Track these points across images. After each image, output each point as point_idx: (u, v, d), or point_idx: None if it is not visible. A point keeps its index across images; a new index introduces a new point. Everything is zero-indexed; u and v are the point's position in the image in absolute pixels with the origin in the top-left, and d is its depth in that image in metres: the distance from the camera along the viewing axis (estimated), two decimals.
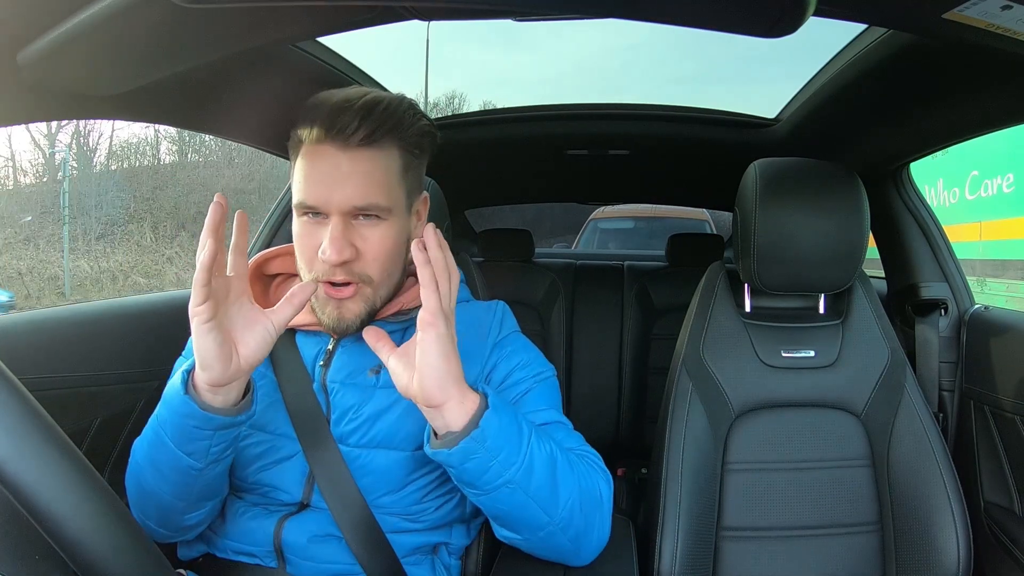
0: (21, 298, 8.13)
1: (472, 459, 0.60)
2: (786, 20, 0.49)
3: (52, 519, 0.37)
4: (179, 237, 10.35)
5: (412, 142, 0.70)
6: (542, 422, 0.72)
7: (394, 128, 0.67)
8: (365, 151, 0.66)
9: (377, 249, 0.68)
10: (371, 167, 0.66)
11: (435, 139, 0.75)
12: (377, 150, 0.67)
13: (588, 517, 0.67)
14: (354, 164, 0.66)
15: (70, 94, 0.77)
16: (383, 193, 0.67)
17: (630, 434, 1.93)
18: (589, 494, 0.67)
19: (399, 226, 0.70)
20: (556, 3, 0.66)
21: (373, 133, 0.66)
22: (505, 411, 0.62)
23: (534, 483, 0.62)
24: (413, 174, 0.72)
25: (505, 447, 0.61)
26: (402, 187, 0.70)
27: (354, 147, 0.66)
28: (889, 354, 1.01)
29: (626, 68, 25.86)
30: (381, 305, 0.73)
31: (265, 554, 0.72)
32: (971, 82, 0.83)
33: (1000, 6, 0.52)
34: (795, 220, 0.96)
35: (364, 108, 0.66)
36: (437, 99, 13.40)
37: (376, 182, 0.66)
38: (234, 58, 0.80)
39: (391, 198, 0.68)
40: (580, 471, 0.68)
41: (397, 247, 0.70)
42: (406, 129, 0.69)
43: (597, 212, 4.94)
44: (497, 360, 0.76)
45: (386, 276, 0.70)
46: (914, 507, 0.94)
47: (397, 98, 0.70)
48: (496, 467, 0.60)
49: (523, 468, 0.61)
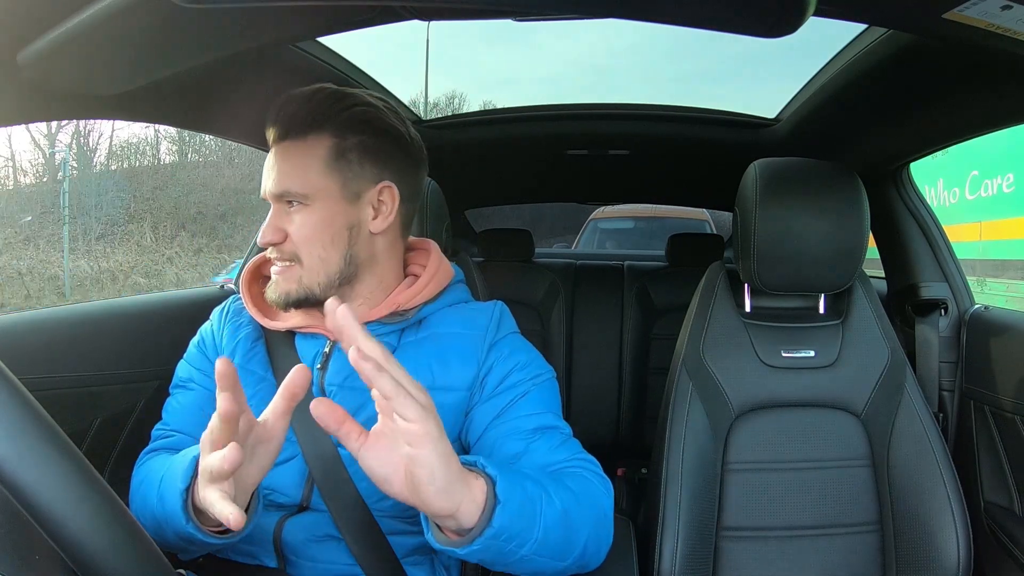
0: (21, 298, 8.13)
1: (488, 552, 0.55)
2: (786, 20, 0.49)
3: (52, 519, 0.37)
4: (179, 237, 10.36)
5: (342, 128, 0.72)
6: (537, 426, 0.71)
7: (310, 118, 0.71)
8: (291, 143, 0.71)
9: (299, 232, 0.71)
10: (287, 156, 0.71)
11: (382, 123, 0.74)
12: (300, 141, 0.71)
13: (599, 539, 0.66)
14: (284, 156, 0.71)
15: (70, 94, 0.77)
16: (299, 181, 0.70)
17: (630, 434, 1.93)
18: (596, 518, 0.65)
19: (327, 212, 0.71)
20: (556, 3, 0.66)
21: (289, 128, 0.71)
22: (514, 492, 0.55)
23: (550, 545, 0.59)
24: (353, 163, 0.72)
25: (519, 532, 0.55)
26: (329, 176, 0.71)
27: (287, 141, 0.71)
28: (889, 354, 1.01)
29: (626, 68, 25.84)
30: (321, 292, 0.72)
31: (265, 554, 0.72)
32: (971, 82, 0.83)
33: (1000, 6, 0.52)
34: (795, 220, 0.96)
35: (283, 105, 0.71)
36: (437, 99, 13.40)
37: (291, 171, 0.70)
38: (234, 58, 0.81)
39: (306, 185, 0.70)
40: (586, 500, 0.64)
41: (324, 231, 0.71)
42: (330, 117, 0.71)
43: (597, 212, 4.94)
44: (494, 361, 0.75)
45: (316, 260, 0.71)
46: (914, 507, 0.94)
47: (313, 90, 0.72)
48: (512, 548, 0.56)
49: (538, 541, 0.57)
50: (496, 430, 0.71)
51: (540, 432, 0.71)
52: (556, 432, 0.72)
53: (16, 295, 8.32)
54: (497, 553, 0.55)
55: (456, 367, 0.74)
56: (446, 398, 0.72)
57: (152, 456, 0.73)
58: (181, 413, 0.77)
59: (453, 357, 0.74)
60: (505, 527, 0.53)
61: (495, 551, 0.55)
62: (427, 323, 0.77)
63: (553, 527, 0.58)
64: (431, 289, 0.77)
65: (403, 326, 0.76)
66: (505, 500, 0.53)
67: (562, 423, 0.74)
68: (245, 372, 0.76)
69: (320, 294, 0.72)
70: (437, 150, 1.25)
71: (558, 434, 0.72)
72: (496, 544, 0.54)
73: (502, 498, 0.53)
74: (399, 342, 0.75)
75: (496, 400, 0.73)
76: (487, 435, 0.72)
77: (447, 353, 0.74)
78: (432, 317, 0.77)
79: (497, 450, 0.70)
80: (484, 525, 0.52)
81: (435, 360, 0.74)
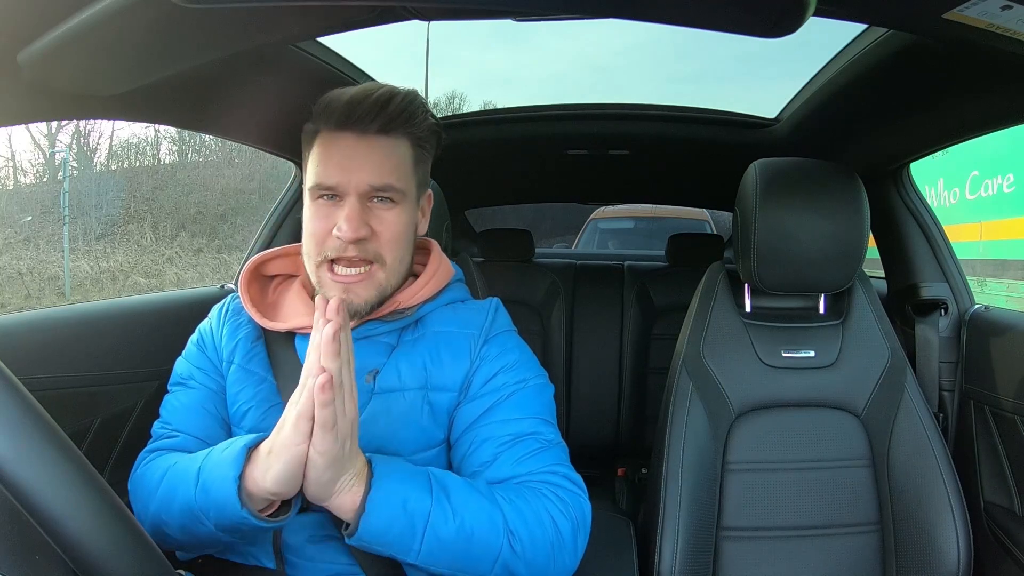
0: (21, 298, 8.13)
1: (372, 548, 0.61)
2: (786, 20, 0.49)
3: (52, 519, 0.37)
4: (179, 237, 10.35)
5: (422, 136, 0.73)
6: (514, 432, 0.70)
7: (407, 121, 0.71)
8: (381, 139, 0.70)
9: (392, 231, 0.70)
10: (386, 152, 0.70)
11: (440, 138, 0.78)
12: (392, 139, 0.71)
13: (534, 561, 0.64)
14: (371, 149, 0.70)
15: (70, 94, 0.77)
16: (397, 176, 0.70)
17: (630, 434, 1.93)
18: (533, 539, 0.64)
19: (410, 213, 0.73)
20: (556, 3, 0.66)
21: (388, 124, 0.70)
22: (387, 505, 0.60)
23: (443, 559, 0.62)
24: (422, 168, 0.75)
25: (394, 541, 0.61)
26: (413, 177, 0.73)
27: (371, 135, 0.70)
28: (889, 354, 1.01)
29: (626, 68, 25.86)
30: (389, 294, 0.73)
31: (264, 555, 0.71)
32: (971, 82, 0.83)
33: (1000, 6, 0.52)
34: (795, 220, 0.96)
35: (381, 100, 0.70)
36: (437, 99, 13.37)
37: (391, 166, 0.70)
38: (234, 58, 0.81)
39: (404, 182, 0.71)
40: (517, 519, 0.64)
41: (408, 233, 0.73)
42: (417, 124, 0.72)
43: (597, 212, 4.94)
44: (482, 360, 0.74)
45: (397, 261, 0.72)
46: (914, 507, 0.94)
47: (411, 94, 0.73)
48: (394, 555, 0.62)
49: (423, 553, 0.61)
50: (473, 433, 0.71)
51: (517, 440, 0.70)
52: (534, 439, 0.70)
53: (16, 295, 8.32)
54: (384, 552, 0.61)
55: (449, 366, 0.73)
56: (439, 398, 0.72)
57: (159, 455, 0.73)
58: (182, 412, 0.76)
59: (446, 356, 0.74)
60: (371, 534, 0.60)
61: (380, 550, 0.61)
62: (424, 322, 0.76)
63: (447, 543, 0.61)
64: (431, 288, 0.77)
65: (402, 325, 0.75)
66: (370, 511, 0.59)
67: (545, 429, 0.72)
68: (245, 372, 0.76)
69: (389, 296, 0.74)
70: None
71: (536, 441, 0.70)
72: (372, 548, 0.61)
73: (368, 509, 0.59)
74: (398, 341, 0.75)
75: (479, 401, 0.72)
76: (465, 437, 0.71)
77: (441, 352, 0.74)
78: (429, 316, 0.77)
79: (471, 455, 0.70)
80: (354, 528, 0.59)
81: (430, 359, 0.73)
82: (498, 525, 0.63)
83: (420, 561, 0.61)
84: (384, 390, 0.72)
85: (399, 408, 0.71)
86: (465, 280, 0.85)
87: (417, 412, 0.72)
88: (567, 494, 0.68)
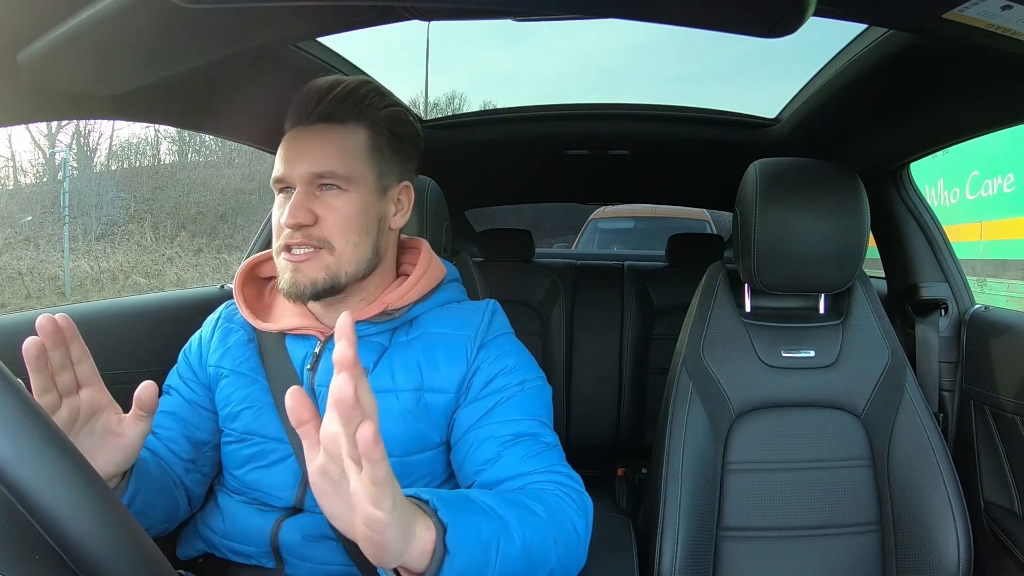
0: (21, 298, 8.13)
1: None
2: (786, 20, 0.49)
3: (52, 519, 0.37)
4: (179, 237, 10.35)
5: (379, 124, 0.73)
6: (515, 432, 0.70)
7: (354, 107, 0.72)
8: (325, 126, 0.71)
9: (337, 216, 0.70)
10: (328, 140, 0.71)
11: (411, 127, 0.77)
12: (338, 125, 0.71)
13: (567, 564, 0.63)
14: (312, 138, 0.71)
15: (70, 94, 0.77)
16: (339, 162, 0.70)
17: (630, 434, 1.93)
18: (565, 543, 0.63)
19: (363, 200, 0.72)
20: (556, 3, 0.66)
21: (331, 111, 0.71)
22: (467, 540, 0.52)
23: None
24: (386, 158, 0.74)
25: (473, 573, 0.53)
26: (368, 164, 0.72)
27: (316, 124, 0.71)
28: (889, 354, 1.01)
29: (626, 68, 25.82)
30: (347, 281, 0.72)
31: (262, 554, 0.72)
32: (971, 82, 0.83)
33: (1000, 6, 0.52)
34: (795, 220, 0.96)
35: (322, 89, 0.71)
36: (437, 99, 13.37)
37: (333, 153, 0.70)
38: (234, 58, 0.81)
39: (350, 168, 0.71)
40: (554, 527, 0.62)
41: (360, 219, 0.71)
42: (371, 110, 0.72)
43: (597, 212, 4.94)
44: (481, 363, 0.74)
45: (350, 246, 0.71)
46: (914, 507, 0.94)
47: (361, 81, 0.73)
48: None
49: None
50: (474, 433, 0.70)
51: (517, 439, 0.69)
52: (534, 440, 0.70)
53: (16, 295, 8.32)
54: None
55: (445, 368, 0.73)
56: (434, 399, 0.72)
57: None
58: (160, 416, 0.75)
59: (442, 358, 0.73)
60: (456, 574, 0.51)
61: None
62: (418, 323, 0.76)
63: (512, 565, 0.56)
64: (420, 288, 0.76)
65: (394, 326, 0.75)
66: (455, 551, 0.50)
67: (544, 431, 0.72)
68: (237, 375, 0.76)
69: (345, 283, 0.72)
70: (437, 150, 1.25)
71: (536, 442, 0.70)
72: None
73: (451, 549, 0.50)
74: (390, 342, 0.75)
75: (479, 403, 0.72)
76: (466, 438, 0.71)
77: (436, 354, 0.73)
78: (424, 317, 0.76)
79: (472, 454, 0.70)
80: (434, 573, 0.49)
81: (424, 361, 0.73)
82: (547, 533, 0.61)
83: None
84: (376, 390, 0.72)
85: (393, 409, 0.71)
86: (464, 280, 0.85)
87: (411, 413, 0.72)
88: (575, 493, 0.68)
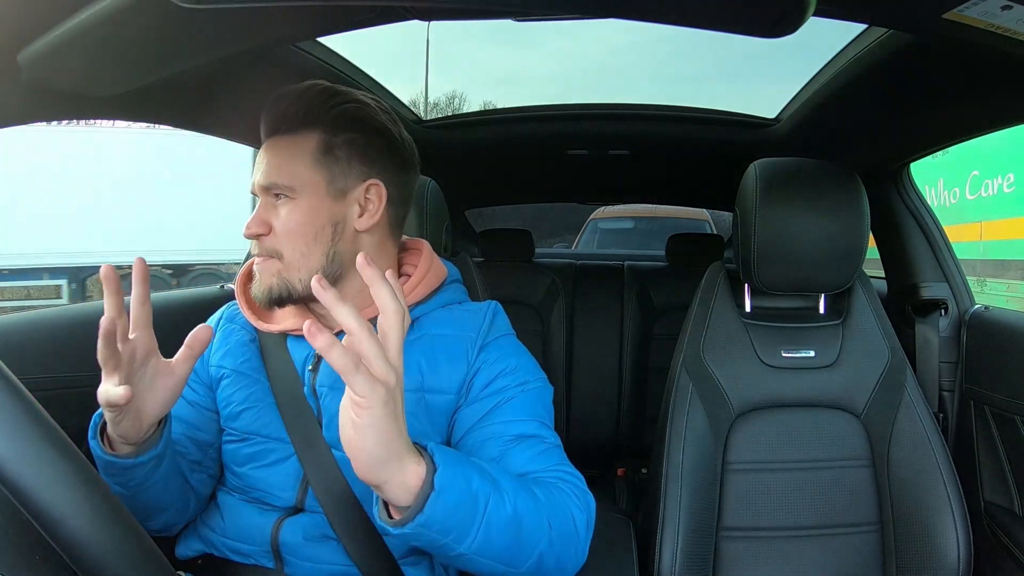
0: (21, 297, 8.14)
1: (420, 540, 0.54)
2: (786, 20, 0.49)
3: (52, 519, 0.37)
4: None
5: (331, 125, 0.72)
6: (518, 433, 0.69)
7: (301, 114, 0.71)
8: (281, 138, 0.72)
9: (284, 226, 0.71)
10: (276, 150, 0.72)
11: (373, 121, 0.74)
12: (290, 136, 0.72)
13: (561, 555, 0.63)
14: (267, 149, 0.73)
15: (70, 94, 0.77)
16: (286, 174, 0.71)
17: (630, 434, 1.93)
18: (561, 532, 0.62)
19: (311, 207, 0.71)
20: (556, 3, 0.66)
21: (278, 123, 0.72)
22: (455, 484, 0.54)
23: (493, 548, 0.57)
24: (341, 159, 0.72)
25: (455, 527, 0.54)
26: (315, 170, 0.71)
27: (269, 136, 0.73)
28: (889, 354, 1.01)
29: (626, 68, 25.85)
30: (303, 288, 0.71)
31: (262, 554, 0.72)
32: (971, 82, 0.83)
33: (1000, 6, 0.52)
34: (795, 220, 0.96)
35: (275, 101, 0.72)
36: (437, 99, 13.39)
37: (277, 164, 0.71)
38: (234, 58, 0.81)
39: (291, 178, 0.70)
40: (550, 511, 0.62)
41: (308, 226, 0.71)
42: (319, 113, 0.71)
43: (597, 212, 4.93)
44: (482, 364, 0.73)
45: (297, 254, 0.71)
46: (914, 507, 0.94)
47: (306, 86, 0.73)
48: (447, 543, 0.55)
49: (478, 541, 0.56)
50: (477, 434, 0.70)
51: (520, 439, 0.69)
52: (537, 441, 0.70)
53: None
54: (431, 544, 0.55)
55: (445, 369, 0.73)
56: (435, 400, 0.72)
57: None
58: None
59: (442, 359, 0.73)
60: (437, 519, 0.52)
61: (427, 541, 0.54)
62: (420, 324, 0.76)
63: (499, 530, 0.56)
64: (421, 289, 0.76)
65: None
66: (441, 489, 0.52)
67: (547, 432, 0.72)
68: (239, 375, 0.76)
69: (302, 290, 0.71)
70: (437, 150, 1.25)
71: (540, 443, 0.70)
72: (428, 534, 0.53)
73: (438, 487, 0.52)
74: None
75: (480, 404, 0.72)
76: (468, 438, 0.71)
77: (437, 355, 0.73)
78: (425, 318, 0.76)
79: (475, 453, 0.69)
80: (416, 511, 0.52)
81: (425, 362, 0.73)
82: (542, 514, 0.61)
83: (471, 549, 0.56)
84: None
85: None
86: (465, 280, 0.85)
87: (412, 414, 0.71)
88: (579, 491, 0.67)
